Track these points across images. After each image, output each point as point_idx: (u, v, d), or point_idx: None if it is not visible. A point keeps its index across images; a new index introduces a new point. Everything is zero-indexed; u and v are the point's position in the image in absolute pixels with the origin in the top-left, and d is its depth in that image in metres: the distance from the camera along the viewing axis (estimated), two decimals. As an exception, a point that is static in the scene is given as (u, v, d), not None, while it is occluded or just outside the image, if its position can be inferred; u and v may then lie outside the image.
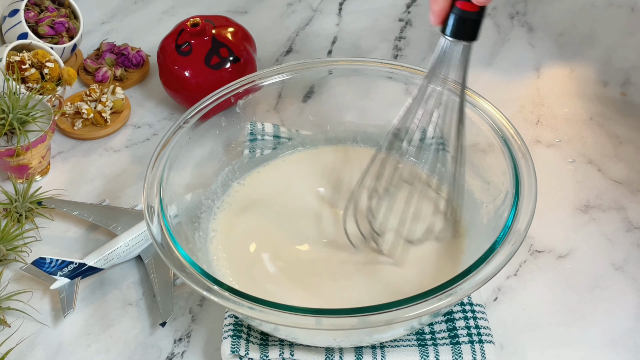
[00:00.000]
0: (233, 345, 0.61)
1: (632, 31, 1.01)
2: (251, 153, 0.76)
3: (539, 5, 1.07)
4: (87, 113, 0.88)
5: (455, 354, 0.61)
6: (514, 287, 0.70)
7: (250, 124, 0.77)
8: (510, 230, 0.57)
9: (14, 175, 0.81)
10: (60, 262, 0.69)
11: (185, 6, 1.11)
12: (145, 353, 0.66)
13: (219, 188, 0.73)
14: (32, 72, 0.86)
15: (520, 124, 0.86)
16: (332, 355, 0.61)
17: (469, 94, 0.68)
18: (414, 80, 0.72)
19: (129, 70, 0.97)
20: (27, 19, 0.93)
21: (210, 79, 0.84)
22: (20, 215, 0.77)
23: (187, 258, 0.57)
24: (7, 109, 0.77)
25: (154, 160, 0.65)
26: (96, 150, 0.87)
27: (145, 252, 0.73)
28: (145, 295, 0.71)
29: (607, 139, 0.85)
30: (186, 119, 0.68)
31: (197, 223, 0.69)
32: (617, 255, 0.72)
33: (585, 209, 0.77)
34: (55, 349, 0.67)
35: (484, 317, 0.64)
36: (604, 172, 0.81)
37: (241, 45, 0.86)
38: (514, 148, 0.64)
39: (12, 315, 0.69)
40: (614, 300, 0.68)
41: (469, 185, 0.71)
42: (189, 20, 0.85)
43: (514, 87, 0.93)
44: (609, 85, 0.93)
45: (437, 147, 0.75)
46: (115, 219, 0.76)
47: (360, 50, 1.01)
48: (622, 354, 0.64)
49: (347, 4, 1.10)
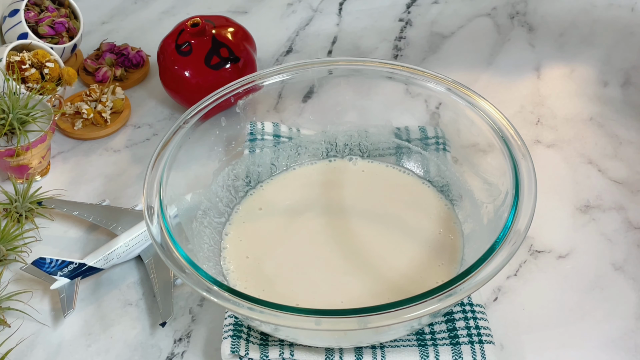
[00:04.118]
0: (233, 345, 0.61)
1: (632, 31, 1.01)
2: (251, 153, 0.76)
3: (539, 5, 1.07)
4: (87, 113, 0.88)
5: (455, 354, 0.61)
6: (514, 287, 0.70)
7: (250, 123, 0.77)
8: (510, 230, 0.57)
9: (14, 175, 0.81)
10: (60, 262, 0.69)
11: (185, 6, 1.11)
12: (145, 353, 0.66)
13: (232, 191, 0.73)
14: (32, 72, 0.86)
15: (520, 124, 0.86)
16: (332, 355, 0.61)
17: (469, 94, 0.68)
18: (414, 80, 0.72)
19: (129, 70, 0.97)
20: (27, 19, 0.93)
21: (210, 79, 0.84)
22: (20, 215, 0.77)
23: (187, 258, 0.57)
24: (7, 109, 0.77)
25: (154, 160, 0.65)
26: (96, 150, 0.87)
27: (145, 252, 0.73)
28: (145, 296, 0.71)
29: (607, 139, 0.85)
30: (186, 119, 0.68)
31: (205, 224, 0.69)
32: (617, 255, 0.72)
33: (585, 209, 0.77)
34: (55, 349, 0.67)
35: (484, 318, 0.64)
36: (604, 172, 0.81)
37: (241, 45, 0.86)
38: (514, 148, 0.63)
39: (12, 316, 0.69)
40: (614, 300, 0.68)
41: (469, 185, 0.71)
42: (189, 20, 0.85)
43: (514, 87, 0.93)
44: (609, 85, 0.93)
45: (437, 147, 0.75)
46: (115, 219, 0.76)
47: (360, 50, 1.01)
48: (622, 354, 0.64)
49: (347, 4, 1.10)
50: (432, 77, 0.70)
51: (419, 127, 0.77)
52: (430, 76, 0.71)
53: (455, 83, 0.70)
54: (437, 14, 1.07)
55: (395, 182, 0.75)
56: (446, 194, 0.73)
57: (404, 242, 0.69)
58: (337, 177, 0.76)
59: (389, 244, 0.69)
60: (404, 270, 0.66)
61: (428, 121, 0.78)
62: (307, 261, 0.67)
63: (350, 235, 0.68)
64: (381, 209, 0.72)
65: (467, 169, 0.72)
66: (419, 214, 0.71)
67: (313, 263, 0.67)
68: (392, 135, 0.77)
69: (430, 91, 0.71)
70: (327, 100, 0.79)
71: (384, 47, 1.01)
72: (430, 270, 0.66)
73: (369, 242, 0.68)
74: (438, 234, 0.69)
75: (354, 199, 0.73)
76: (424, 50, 1.00)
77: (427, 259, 0.67)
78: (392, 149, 0.77)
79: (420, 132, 0.77)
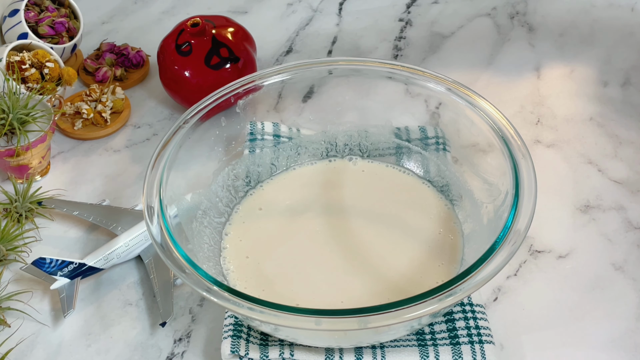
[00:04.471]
0: (233, 345, 0.61)
1: (632, 31, 1.01)
2: (251, 153, 0.76)
3: (539, 5, 1.07)
4: (87, 113, 0.88)
5: (455, 354, 0.61)
6: (514, 287, 0.70)
7: (250, 123, 0.77)
8: (510, 230, 0.57)
9: (14, 175, 0.81)
10: (60, 262, 0.69)
11: (185, 6, 1.11)
12: (145, 353, 0.66)
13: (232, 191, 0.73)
14: (32, 72, 0.86)
15: (520, 124, 0.86)
16: (332, 355, 0.61)
17: (469, 94, 0.68)
18: (414, 80, 0.72)
19: (129, 70, 0.97)
20: (27, 19, 0.93)
21: (210, 79, 0.84)
22: (20, 215, 0.77)
23: (187, 258, 0.57)
24: (7, 109, 0.77)
25: (154, 160, 0.65)
26: (96, 150, 0.87)
27: (145, 252, 0.73)
28: (145, 296, 0.71)
29: (607, 139, 0.85)
30: (186, 119, 0.68)
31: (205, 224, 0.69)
32: (617, 255, 0.72)
33: (585, 209, 0.77)
34: (55, 349, 0.67)
35: (484, 318, 0.64)
36: (604, 172, 0.81)
37: (241, 45, 0.86)
38: (514, 148, 0.63)
39: (12, 316, 0.69)
40: (614, 300, 0.68)
41: (469, 185, 0.71)
42: (189, 20, 0.85)
43: (514, 87, 0.93)
44: (609, 85, 0.93)
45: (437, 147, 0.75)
46: (115, 219, 0.76)
47: (360, 50, 1.01)
48: (622, 354, 0.64)
49: (347, 4, 1.10)
50: (432, 77, 0.70)
51: (419, 127, 0.77)
52: (430, 76, 0.71)
53: (455, 83, 0.70)
54: (437, 14, 1.07)
55: (395, 182, 0.75)
56: (446, 194, 0.73)
57: (404, 242, 0.69)
58: (337, 177, 0.76)
59: (389, 244, 0.69)
60: (404, 270, 0.66)
61: (428, 121, 0.78)
62: (307, 261, 0.67)
63: (350, 235, 0.68)
64: (381, 209, 0.72)
65: (467, 169, 0.72)
66: (419, 214, 0.71)
67: (313, 263, 0.67)
68: (392, 135, 0.77)
69: (430, 91, 0.71)
70: (327, 100, 0.79)
71: (384, 47, 1.01)
72: (430, 270, 0.66)
73: (369, 242, 0.68)
74: (438, 234, 0.69)
75: (354, 199, 0.73)
76: (424, 50, 1.00)
77: (427, 259, 0.67)
78: (392, 149, 0.77)
79: (420, 132, 0.77)
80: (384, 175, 0.76)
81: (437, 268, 0.66)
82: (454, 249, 0.68)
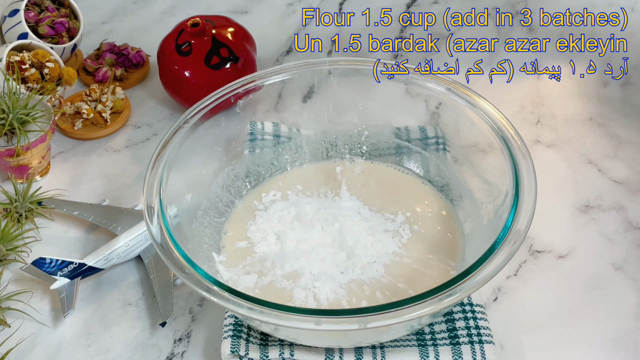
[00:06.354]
0: (233, 345, 0.61)
1: (632, 31, 1.01)
2: (251, 153, 0.76)
3: (539, 5, 1.07)
4: (87, 113, 0.88)
5: (455, 354, 0.61)
6: (514, 287, 0.70)
7: (250, 123, 0.77)
8: (510, 230, 0.57)
9: (14, 175, 0.81)
10: (60, 262, 0.69)
11: (185, 6, 1.11)
12: (145, 353, 0.66)
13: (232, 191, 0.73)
14: (32, 72, 0.86)
15: (520, 124, 0.86)
16: (332, 355, 0.61)
17: (469, 94, 0.68)
18: (414, 80, 0.72)
19: (129, 70, 0.97)
20: (27, 19, 0.93)
21: (210, 79, 0.84)
22: (20, 215, 0.77)
23: (187, 258, 0.57)
24: (7, 109, 0.77)
25: (154, 160, 0.65)
26: (96, 150, 0.87)
27: (145, 252, 0.73)
28: (145, 296, 0.71)
29: (607, 139, 0.85)
30: (186, 119, 0.68)
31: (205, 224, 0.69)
32: (617, 255, 0.72)
33: (585, 209, 0.77)
34: (55, 349, 0.67)
35: (484, 318, 0.64)
36: (604, 172, 0.81)
37: (241, 45, 0.86)
38: (514, 148, 0.63)
39: (12, 316, 0.69)
40: (614, 300, 0.68)
41: (469, 185, 0.71)
42: (189, 20, 0.85)
43: (514, 87, 0.93)
44: (609, 85, 0.93)
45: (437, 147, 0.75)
46: (115, 219, 0.76)
47: (360, 51, 1.01)
48: (622, 354, 0.64)
49: (347, 4, 1.10)
50: (432, 77, 0.70)
51: (419, 127, 0.77)
52: (430, 76, 0.71)
53: (455, 83, 0.70)
54: (437, 14, 1.07)
55: (395, 182, 0.75)
56: (446, 193, 0.73)
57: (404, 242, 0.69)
58: (337, 177, 0.76)
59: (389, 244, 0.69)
60: (403, 269, 0.66)
61: (428, 121, 0.78)
62: (307, 261, 0.67)
63: (350, 235, 0.68)
64: (381, 209, 0.72)
65: (467, 169, 0.72)
66: (419, 213, 0.71)
67: (313, 262, 0.67)
68: (392, 135, 0.77)
69: (430, 91, 0.71)
70: (327, 100, 0.79)
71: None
72: (431, 270, 0.66)
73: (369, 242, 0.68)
74: (438, 234, 0.69)
75: (354, 199, 0.73)
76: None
77: (427, 259, 0.67)
78: (392, 149, 0.77)
79: (420, 132, 0.77)
80: (384, 175, 0.76)
81: (437, 268, 0.66)
82: (454, 248, 0.68)
